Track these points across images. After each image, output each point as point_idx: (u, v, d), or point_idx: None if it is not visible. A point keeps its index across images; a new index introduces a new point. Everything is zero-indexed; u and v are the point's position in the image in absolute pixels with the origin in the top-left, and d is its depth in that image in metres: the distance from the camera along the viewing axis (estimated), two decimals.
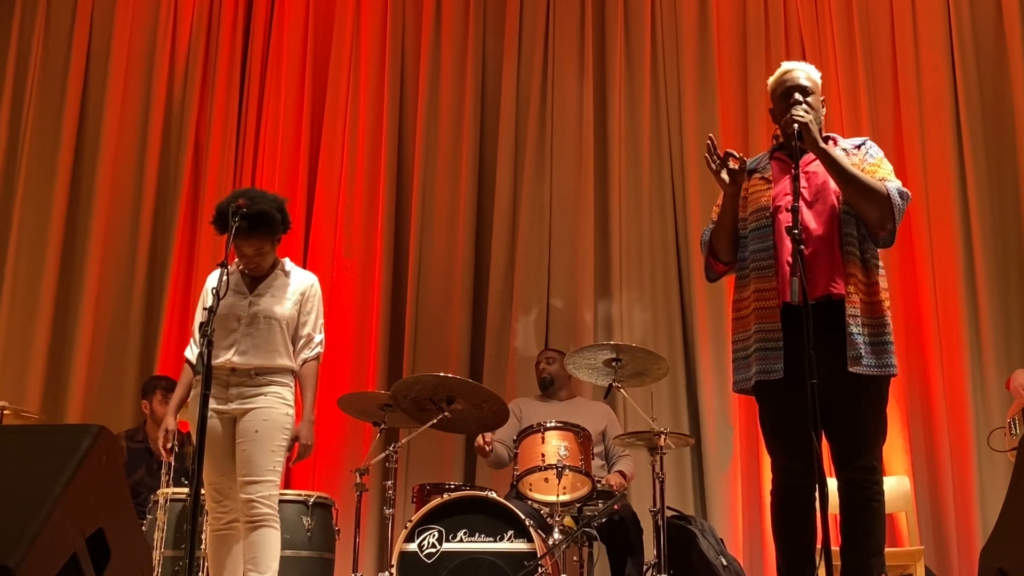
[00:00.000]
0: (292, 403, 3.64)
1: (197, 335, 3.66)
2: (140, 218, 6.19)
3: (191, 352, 3.72)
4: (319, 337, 3.75)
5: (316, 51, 6.44)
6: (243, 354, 3.57)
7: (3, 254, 6.14)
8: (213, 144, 6.27)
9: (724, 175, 3.05)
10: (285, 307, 3.67)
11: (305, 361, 3.70)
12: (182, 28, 6.50)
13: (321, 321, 3.79)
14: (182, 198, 6.18)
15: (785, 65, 3.20)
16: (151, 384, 5.10)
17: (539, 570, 3.74)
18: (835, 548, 2.97)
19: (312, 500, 4.26)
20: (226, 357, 3.55)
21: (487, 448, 4.60)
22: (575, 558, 4.16)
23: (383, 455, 4.31)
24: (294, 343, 3.70)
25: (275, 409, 3.56)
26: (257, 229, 3.55)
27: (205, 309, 3.27)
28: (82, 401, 5.88)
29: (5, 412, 4.56)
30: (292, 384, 3.68)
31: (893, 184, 2.96)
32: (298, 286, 3.74)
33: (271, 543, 3.45)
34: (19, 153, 6.30)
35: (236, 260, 3.71)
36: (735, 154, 3.05)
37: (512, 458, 4.35)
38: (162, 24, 6.48)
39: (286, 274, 3.75)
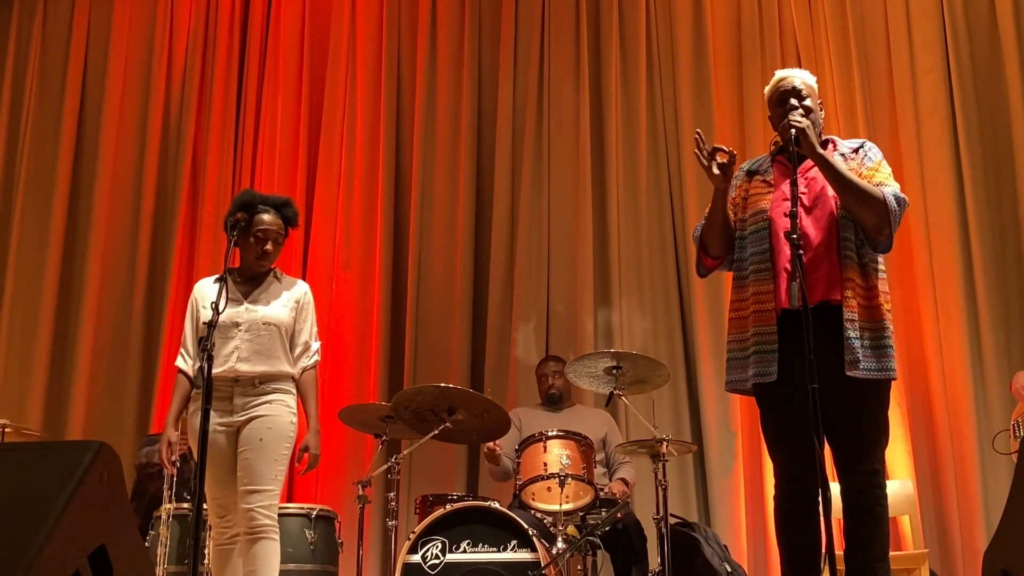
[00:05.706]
0: (296, 412, 3.60)
1: (190, 347, 3.62)
2: (139, 232, 6.20)
3: (183, 362, 3.62)
4: (316, 345, 3.73)
5: (312, 64, 6.46)
6: (245, 360, 3.52)
7: (2, 271, 6.15)
8: (211, 157, 6.28)
9: (715, 169, 3.06)
10: (283, 313, 3.65)
11: (304, 369, 3.67)
12: (178, 44, 6.54)
13: (316, 329, 3.76)
14: (180, 211, 6.20)
15: (780, 73, 3.22)
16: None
17: None
18: (839, 553, 2.97)
19: (315, 513, 4.25)
20: (229, 365, 3.50)
21: (497, 452, 4.56)
22: (579, 567, 4.15)
23: (385, 467, 4.30)
24: (291, 351, 3.68)
25: (280, 417, 3.52)
26: (283, 208, 3.62)
27: (205, 324, 3.24)
28: (83, 417, 5.88)
29: (6, 429, 4.56)
30: (295, 392, 3.64)
31: (890, 189, 2.96)
32: (292, 293, 3.72)
33: (271, 555, 3.41)
34: (17, 170, 6.33)
35: (225, 271, 3.65)
36: (724, 148, 3.06)
37: (514, 468, 4.34)
38: (158, 40, 6.51)
39: (279, 280, 3.73)
